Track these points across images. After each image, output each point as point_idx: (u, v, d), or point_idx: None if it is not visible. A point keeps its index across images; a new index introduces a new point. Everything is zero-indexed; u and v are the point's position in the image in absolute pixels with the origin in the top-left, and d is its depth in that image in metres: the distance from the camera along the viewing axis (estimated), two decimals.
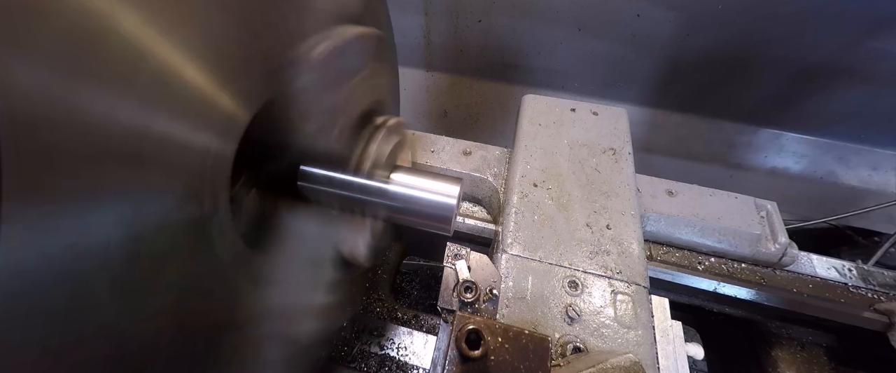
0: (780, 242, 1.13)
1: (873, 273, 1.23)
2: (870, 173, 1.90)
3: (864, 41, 1.54)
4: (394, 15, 1.06)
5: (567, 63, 1.97)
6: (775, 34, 1.62)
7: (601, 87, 2.03)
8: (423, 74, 2.25)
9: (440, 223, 0.86)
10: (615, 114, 1.21)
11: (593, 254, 0.88)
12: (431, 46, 2.10)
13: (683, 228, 1.15)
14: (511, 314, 0.78)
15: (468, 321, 0.67)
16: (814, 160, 1.96)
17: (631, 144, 1.12)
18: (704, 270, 1.16)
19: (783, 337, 1.27)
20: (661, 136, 2.07)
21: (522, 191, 1.00)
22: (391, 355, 1.17)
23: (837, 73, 1.66)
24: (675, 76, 1.87)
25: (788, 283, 1.17)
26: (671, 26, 1.69)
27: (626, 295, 0.82)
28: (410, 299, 1.84)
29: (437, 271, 1.56)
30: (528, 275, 0.84)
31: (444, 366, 0.64)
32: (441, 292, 0.78)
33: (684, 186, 1.20)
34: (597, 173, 1.04)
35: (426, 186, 0.86)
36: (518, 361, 0.64)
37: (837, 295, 1.16)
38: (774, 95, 1.81)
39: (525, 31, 1.91)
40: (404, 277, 1.90)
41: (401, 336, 1.21)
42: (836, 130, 1.87)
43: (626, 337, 0.76)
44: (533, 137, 1.13)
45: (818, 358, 1.24)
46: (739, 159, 2.06)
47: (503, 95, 2.20)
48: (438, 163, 1.19)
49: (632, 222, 0.94)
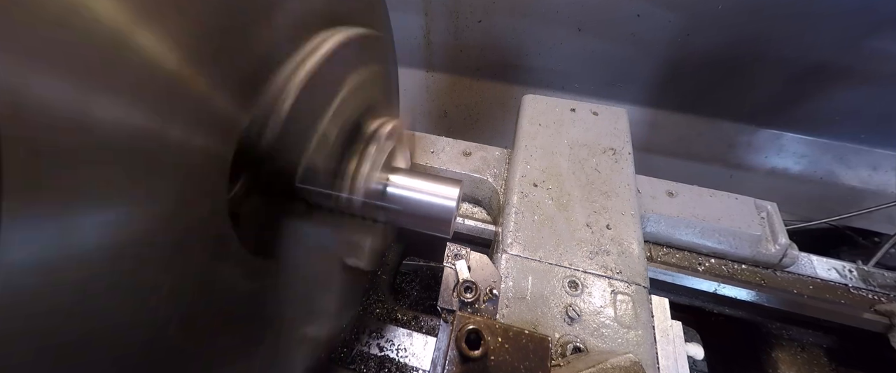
0: (780, 243, 1.13)
1: (874, 274, 1.22)
2: (870, 174, 1.90)
3: (864, 41, 1.54)
4: (394, 15, 1.06)
5: (567, 63, 1.97)
6: (775, 34, 1.62)
7: (601, 87, 2.03)
8: (422, 75, 2.25)
9: (439, 226, 0.86)
10: (615, 114, 1.21)
11: (593, 254, 0.88)
12: (431, 46, 2.10)
13: (683, 229, 1.15)
14: (511, 314, 0.78)
15: (468, 321, 0.67)
16: (814, 160, 1.96)
17: (631, 144, 1.12)
18: (704, 271, 1.16)
19: (783, 338, 1.26)
20: (662, 136, 2.07)
21: (522, 191, 1.00)
22: (391, 357, 1.16)
23: (837, 73, 1.66)
24: (676, 76, 1.86)
25: (789, 284, 1.17)
26: (671, 26, 1.69)
27: (626, 295, 0.82)
28: (410, 300, 1.84)
29: (437, 272, 1.56)
30: (528, 275, 0.84)
31: (444, 366, 0.64)
32: (441, 292, 0.77)
33: (684, 186, 1.20)
34: (597, 173, 1.04)
35: (425, 189, 0.85)
36: (518, 361, 0.64)
37: (838, 296, 1.16)
38: (774, 96, 1.81)
39: (525, 32, 1.91)
40: (404, 278, 1.90)
41: (400, 338, 1.20)
42: (836, 130, 1.87)
43: (626, 337, 0.76)
44: (533, 137, 1.13)
45: (819, 359, 1.23)
46: (739, 159, 2.05)
47: (503, 96, 2.20)
48: (438, 163, 1.19)
49: (632, 222, 0.94)
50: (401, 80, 1.22)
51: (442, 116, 2.38)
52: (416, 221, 0.88)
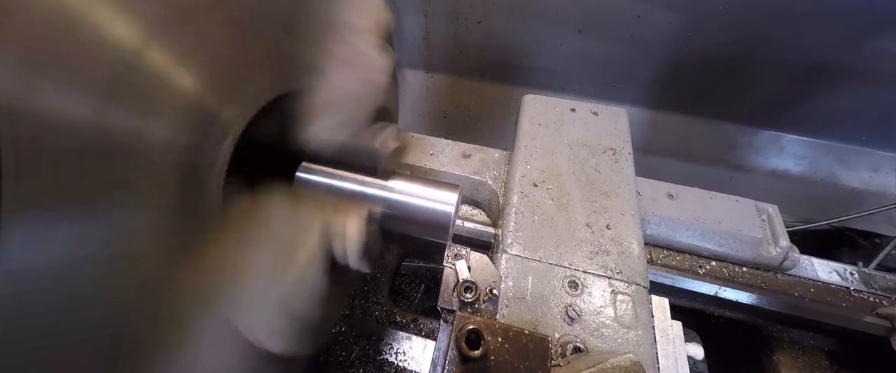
0: (781, 245, 1.13)
1: (875, 277, 1.22)
2: (870, 175, 1.89)
3: (864, 42, 1.54)
4: (393, 16, 1.06)
5: (567, 64, 1.97)
6: (775, 35, 1.62)
7: (601, 88, 2.03)
8: (422, 76, 2.25)
9: (438, 231, 0.85)
10: (615, 114, 1.20)
11: (593, 254, 0.87)
12: (431, 47, 2.10)
13: (684, 232, 1.15)
14: (511, 314, 0.77)
15: (468, 321, 0.66)
16: (814, 162, 1.95)
17: (631, 144, 1.12)
18: (705, 273, 1.15)
19: (784, 341, 1.26)
20: (662, 137, 2.07)
21: (522, 191, 0.99)
22: (390, 361, 1.16)
23: (838, 74, 1.66)
24: (676, 77, 1.87)
25: (790, 287, 1.16)
26: (671, 27, 1.69)
27: (626, 295, 0.81)
28: (410, 301, 1.83)
29: (437, 273, 1.55)
30: (528, 275, 0.84)
31: (444, 366, 0.63)
32: (441, 292, 0.77)
33: (685, 189, 1.19)
34: (597, 173, 1.03)
35: (424, 194, 0.85)
36: (518, 361, 0.64)
37: (839, 299, 1.16)
38: (775, 97, 1.81)
39: (525, 33, 1.91)
40: (404, 279, 1.90)
41: (400, 341, 1.20)
42: (836, 131, 1.87)
43: (626, 337, 0.75)
44: (533, 137, 1.12)
45: (820, 362, 1.23)
46: (740, 161, 2.05)
47: (503, 97, 2.20)
48: (437, 165, 1.18)
49: (632, 222, 0.94)
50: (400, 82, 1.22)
51: (442, 117, 2.38)
52: (414, 226, 0.87)
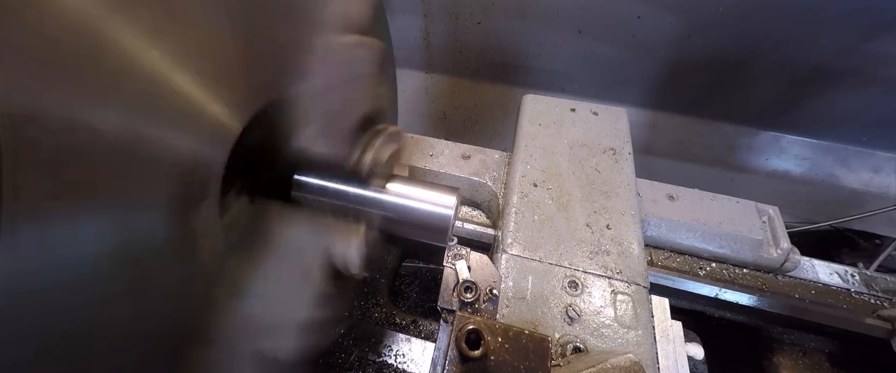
0: (782, 247, 1.12)
1: (876, 279, 1.22)
2: (871, 176, 1.89)
3: (864, 44, 1.55)
4: (393, 17, 1.06)
5: (567, 65, 1.97)
6: (776, 37, 1.62)
7: (601, 89, 2.03)
8: (422, 76, 2.25)
9: (437, 234, 0.85)
10: (615, 114, 1.20)
11: (593, 254, 0.87)
12: (431, 48, 2.10)
13: (684, 233, 1.14)
14: (511, 314, 0.77)
15: (468, 321, 0.66)
16: (815, 163, 1.95)
17: (631, 144, 1.12)
18: (706, 275, 1.15)
19: (785, 343, 1.25)
20: (662, 138, 2.07)
21: (522, 191, 0.99)
22: (389, 363, 1.15)
23: (838, 75, 1.66)
24: (676, 78, 1.87)
25: (790, 288, 1.16)
26: (671, 29, 1.70)
27: (626, 295, 0.81)
28: (409, 302, 1.83)
29: (437, 274, 1.55)
30: (528, 275, 0.83)
31: (444, 366, 0.63)
32: (441, 292, 0.77)
33: (685, 190, 1.19)
34: (597, 173, 1.03)
35: (423, 197, 0.84)
36: (518, 361, 0.63)
37: (840, 301, 1.15)
38: (775, 98, 1.81)
39: (525, 33, 1.91)
40: (404, 280, 1.89)
41: (399, 343, 1.19)
42: (836, 132, 1.87)
43: (626, 337, 0.75)
44: (533, 137, 1.12)
45: (821, 364, 1.22)
46: (740, 162, 2.05)
47: (503, 97, 2.20)
48: (437, 167, 1.17)
49: (632, 222, 0.93)
50: (400, 83, 1.22)
51: (441, 117, 2.38)
52: (412, 229, 0.86)
